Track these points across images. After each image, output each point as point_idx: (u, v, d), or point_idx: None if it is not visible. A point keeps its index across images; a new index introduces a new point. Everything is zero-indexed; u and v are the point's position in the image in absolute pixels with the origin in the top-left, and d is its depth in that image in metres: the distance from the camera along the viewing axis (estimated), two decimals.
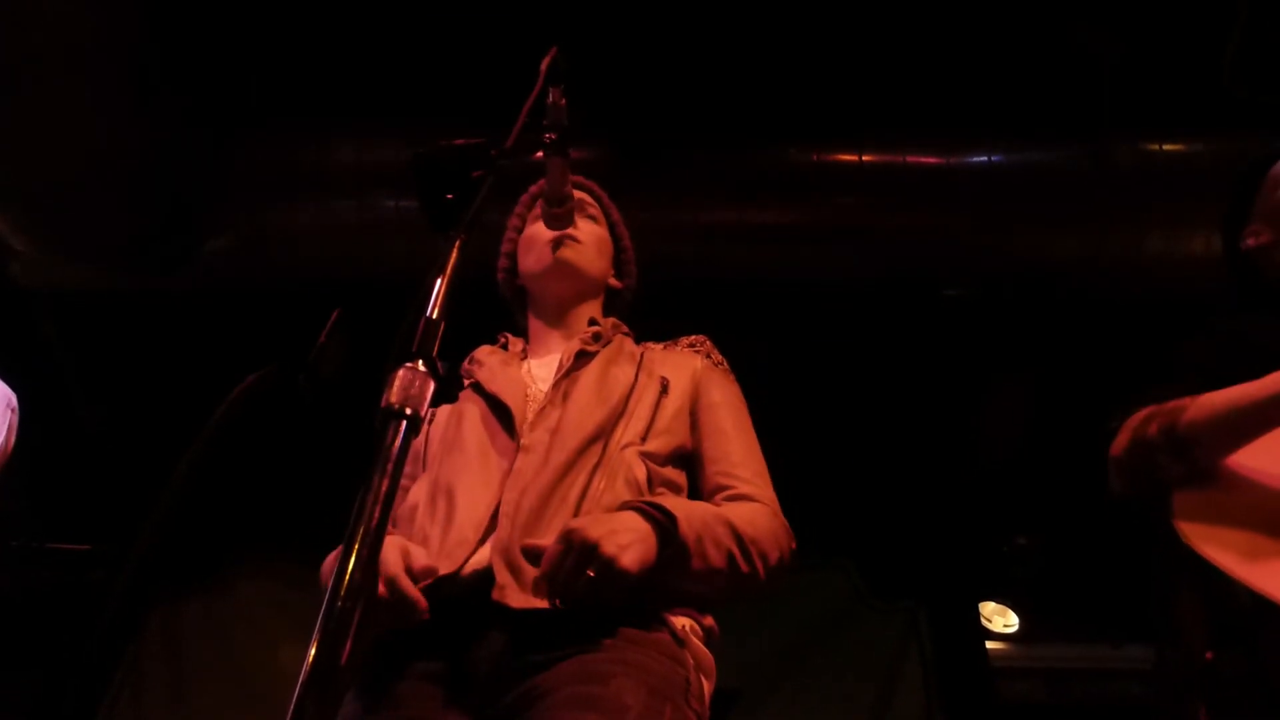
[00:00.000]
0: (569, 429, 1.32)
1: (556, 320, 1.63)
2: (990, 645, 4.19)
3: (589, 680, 1.05)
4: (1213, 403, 1.27)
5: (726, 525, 1.23)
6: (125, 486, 3.52)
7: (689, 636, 1.19)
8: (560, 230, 1.53)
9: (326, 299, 1.05)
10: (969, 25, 2.88)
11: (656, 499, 1.22)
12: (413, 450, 1.45)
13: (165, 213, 2.92)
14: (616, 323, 1.63)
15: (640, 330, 1.66)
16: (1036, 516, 4.14)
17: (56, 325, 3.47)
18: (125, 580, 3.61)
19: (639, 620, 1.15)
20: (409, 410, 0.74)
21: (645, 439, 1.36)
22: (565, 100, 1.18)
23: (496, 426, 1.39)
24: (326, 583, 0.71)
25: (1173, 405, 1.32)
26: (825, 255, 3.03)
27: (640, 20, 2.83)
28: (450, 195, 0.96)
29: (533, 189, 1.74)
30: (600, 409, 1.36)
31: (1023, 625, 4.46)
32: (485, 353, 1.58)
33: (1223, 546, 1.22)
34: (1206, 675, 1.23)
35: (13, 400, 2.00)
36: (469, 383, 1.52)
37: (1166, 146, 2.88)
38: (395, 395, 0.74)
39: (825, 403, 3.62)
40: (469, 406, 1.44)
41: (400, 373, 0.75)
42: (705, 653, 1.22)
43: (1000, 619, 4.46)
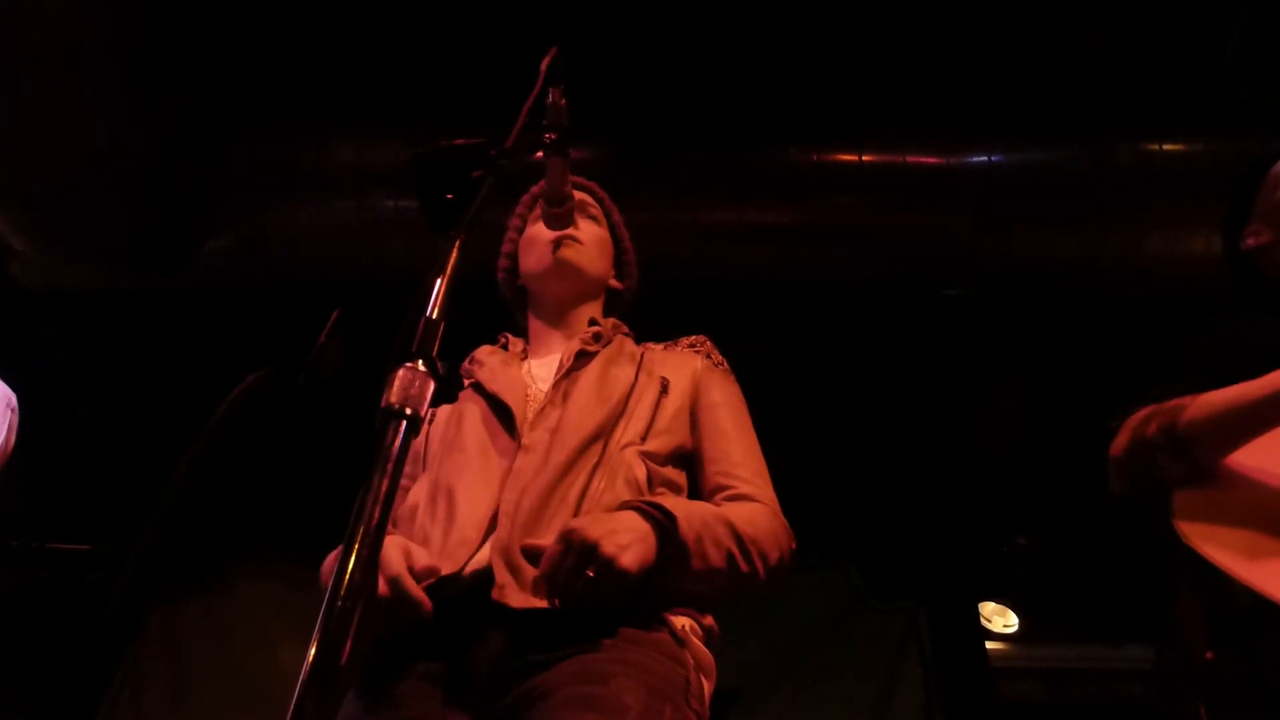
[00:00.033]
0: (569, 429, 1.33)
1: (557, 320, 1.63)
2: (990, 645, 4.19)
3: (589, 680, 1.05)
4: (1212, 402, 1.27)
5: (726, 525, 1.22)
6: (125, 486, 3.52)
7: (689, 636, 1.19)
8: (560, 230, 1.53)
9: (326, 299, 1.05)
10: (969, 25, 2.87)
11: (656, 499, 1.22)
12: (413, 450, 1.45)
13: (165, 213, 2.92)
14: (617, 323, 1.63)
15: (640, 330, 1.66)
16: (1036, 516, 4.14)
17: (56, 325, 3.47)
18: (125, 580, 3.60)
19: (639, 620, 1.15)
20: (409, 410, 0.74)
21: (645, 439, 1.36)
22: (565, 100, 1.18)
23: (497, 426, 1.39)
24: (326, 583, 0.71)
25: (1172, 405, 1.32)
26: (825, 255, 3.03)
27: (640, 20, 2.83)
28: (450, 195, 0.96)
29: (534, 189, 1.74)
30: (600, 409, 1.36)
31: (1023, 625, 4.46)
32: (486, 353, 1.58)
33: (1223, 546, 1.22)
34: (1206, 675, 1.23)
35: (13, 400, 2.00)
36: (469, 383, 1.52)
37: (1166, 146, 2.88)
38: (395, 395, 0.74)
39: (825, 403, 3.62)
40: (469, 406, 1.44)
41: (400, 373, 0.75)
42: (705, 653, 1.22)
43: (1000, 619, 4.46)
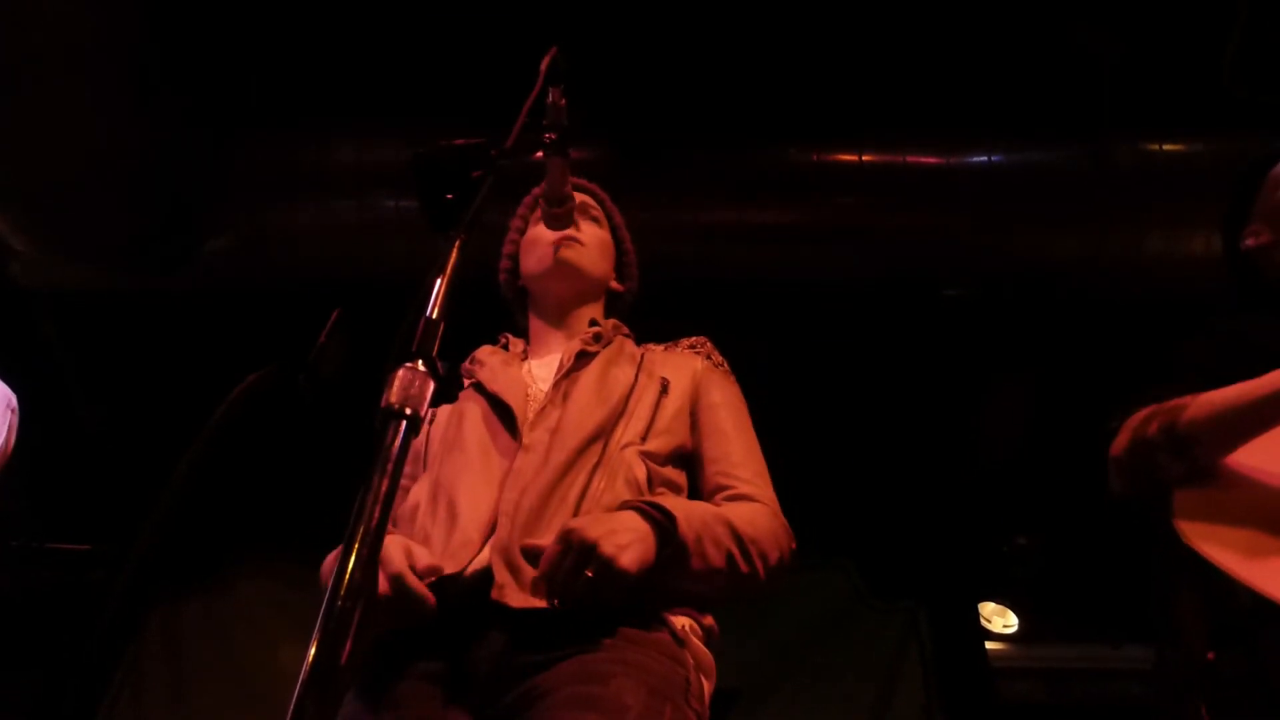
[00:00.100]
0: (569, 429, 1.33)
1: (557, 321, 1.63)
2: (990, 645, 4.20)
3: (589, 680, 1.05)
4: (1213, 401, 1.27)
5: (726, 525, 1.22)
6: (125, 486, 3.52)
7: (689, 636, 1.19)
8: (560, 230, 1.54)
9: (326, 299, 1.05)
10: (969, 25, 2.87)
11: (656, 499, 1.22)
12: (413, 450, 1.45)
13: (165, 213, 2.92)
14: (617, 324, 1.63)
15: (641, 331, 1.66)
16: (1036, 516, 4.14)
17: (56, 325, 3.47)
18: (125, 580, 3.60)
19: (639, 620, 1.15)
20: (409, 410, 0.74)
21: (645, 439, 1.36)
22: (565, 100, 1.18)
23: (498, 426, 1.39)
24: (326, 583, 0.71)
25: (1173, 404, 1.32)
26: (825, 255, 3.03)
27: (640, 20, 2.83)
28: (450, 195, 0.96)
29: (535, 191, 1.74)
30: (600, 409, 1.36)
31: (1022, 625, 4.46)
32: (486, 353, 1.58)
33: (1223, 546, 1.22)
34: (1207, 675, 1.23)
35: (13, 400, 2.00)
36: (470, 383, 1.52)
37: (1166, 146, 2.88)
38: (395, 395, 0.74)
39: (825, 403, 3.62)
40: (470, 406, 1.44)
41: (400, 373, 0.75)
42: (705, 653, 1.21)
43: (1000, 619, 4.46)
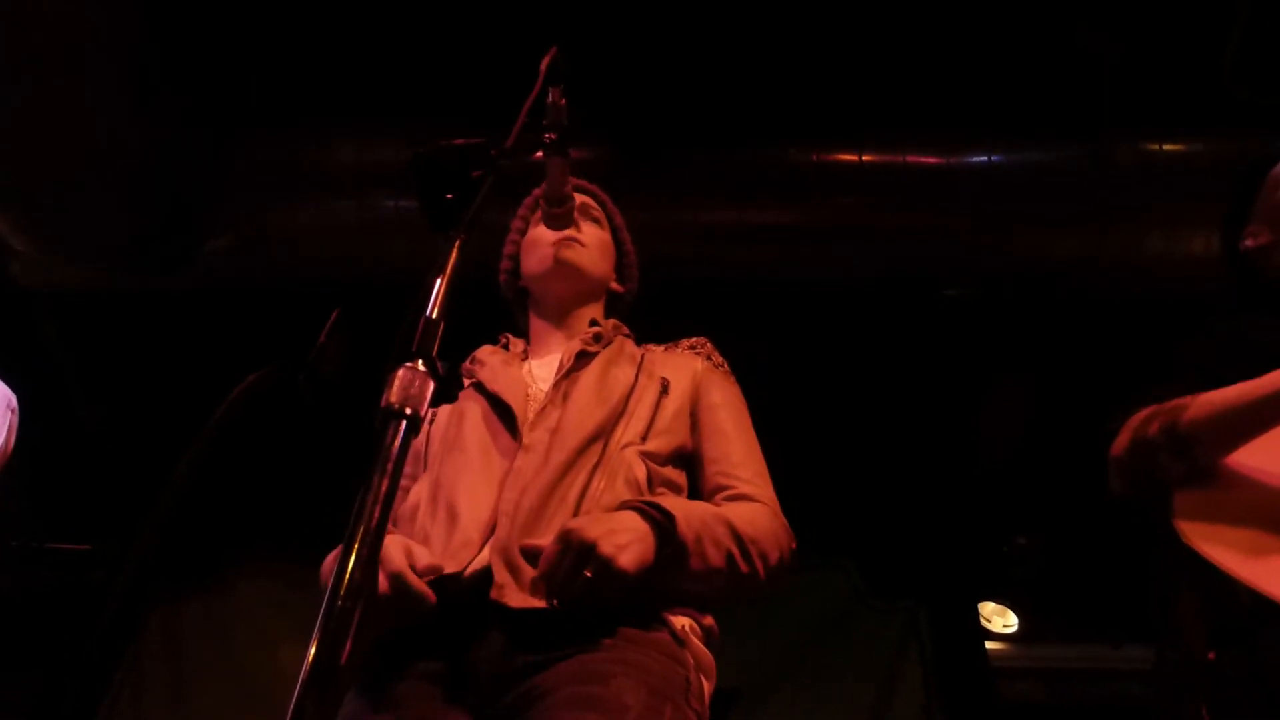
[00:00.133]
0: (569, 429, 1.33)
1: (558, 321, 1.63)
2: (990, 645, 4.20)
3: (589, 680, 1.05)
4: (1213, 401, 1.28)
5: (726, 525, 1.22)
6: (125, 486, 3.52)
7: (689, 636, 1.19)
8: (560, 230, 1.54)
9: (326, 299, 1.05)
10: (969, 25, 2.87)
11: (655, 499, 1.22)
12: (413, 450, 1.45)
13: (165, 213, 2.92)
14: (618, 324, 1.63)
15: (640, 330, 1.66)
16: (1036, 516, 4.14)
17: (56, 325, 3.47)
18: (125, 580, 3.60)
19: (639, 620, 1.15)
20: (409, 410, 0.74)
21: (645, 439, 1.36)
22: (565, 100, 1.18)
23: (498, 426, 1.39)
24: (326, 583, 0.71)
25: (1173, 405, 1.32)
26: (825, 255, 3.03)
27: (640, 20, 2.83)
28: (450, 195, 0.96)
29: (536, 192, 1.74)
30: (600, 409, 1.36)
31: (1022, 625, 4.46)
32: (487, 353, 1.58)
33: (1223, 545, 1.22)
34: (1207, 675, 1.23)
35: (13, 401, 2.00)
36: (470, 382, 1.52)
37: (1166, 146, 2.88)
38: (395, 395, 0.74)
39: (825, 403, 3.62)
40: (470, 406, 1.44)
41: (400, 373, 0.75)
42: (705, 653, 1.21)
43: (1000, 619, 4.46)
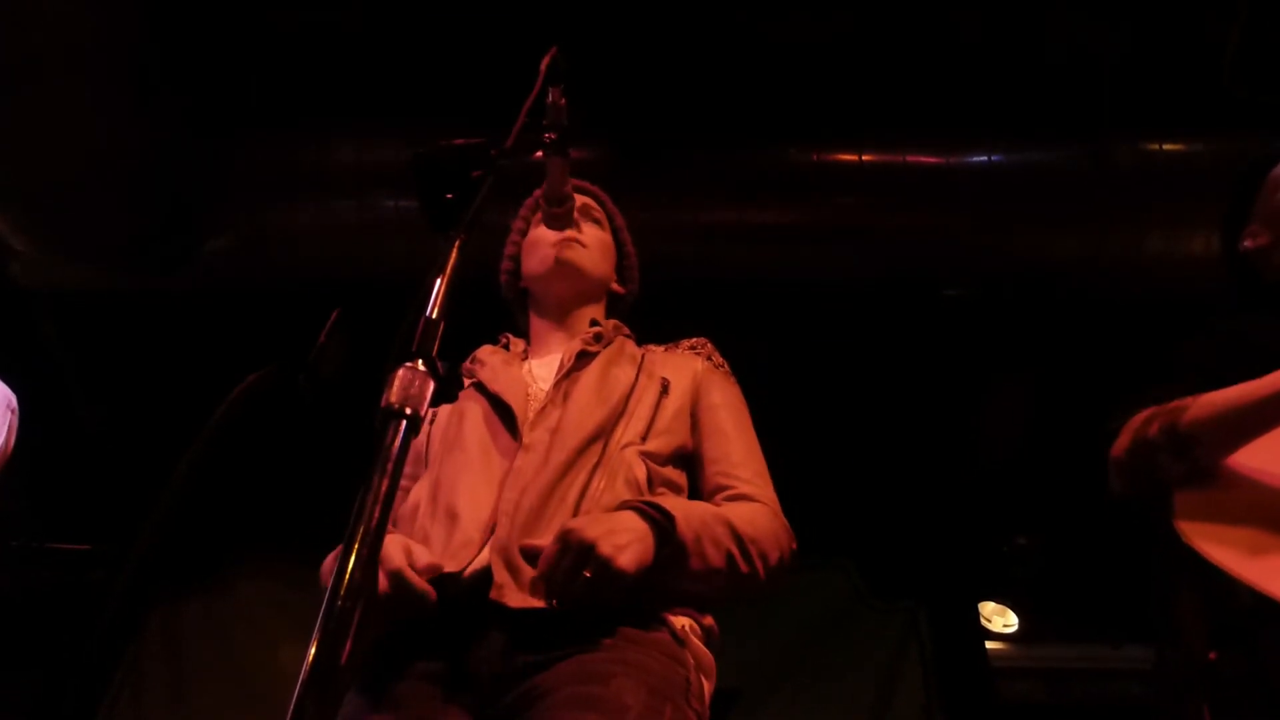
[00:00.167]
0: (569, 428, 1.32)
1: (558, 321, 1.62)
2: (990, 645, 4.19)
3: (589, 680, 1.05)
4: (1214, 402, 1.28)
5: (726, 525, 1.22)
6: (125, 486, 3.52)
7: (689, 636, 1.19)
8: (560, 230, 1.54)
9: (326, 299, 1.05)
10: (969, 25, 2.87)
11: (655, 499, 1.22)
12: (414, 450, 1.45)
13: (165, 213, 2.92)
14: (618, 324, 1.63)
15: (641, 331, 1.66)
16: (1036, 516, 4.14)
17: (56, 325, 3.47)
18: (125, 580, 3.60)
19: (638, 620, 1.15)
20: (409, 410, 0.73)
21: (645, 439, 1.36)
22: (565, 100, 1.18)
23: (499, 426, 1.39)
24: (326, 583, 0.71)
25: (1174, 405, 1.32)
26: (825, 255, 3.03)
27: (640, 20, 2.83)
28: (450, 195, 0.96)
29: (537, 193, 1.74)
30: (600, 409, 1.36)
31: (1022, 625, 4.46)
32: (487, 352, 1.58)
33: (1224, 545, 1.22)
34: (1207, 675, 1.23)
35: (13, 401, 2.00)
36: (470, 382, 1.52)
37: (1166, 146, 2.88)
38: (395, 395, 0.74)
39: (825, 403, 3.62)
40: (471, 406, 1.44)
41: (400, 373, 0.75)
42: (705, 653, 1.21)
43: (1000, 619, 4.46)
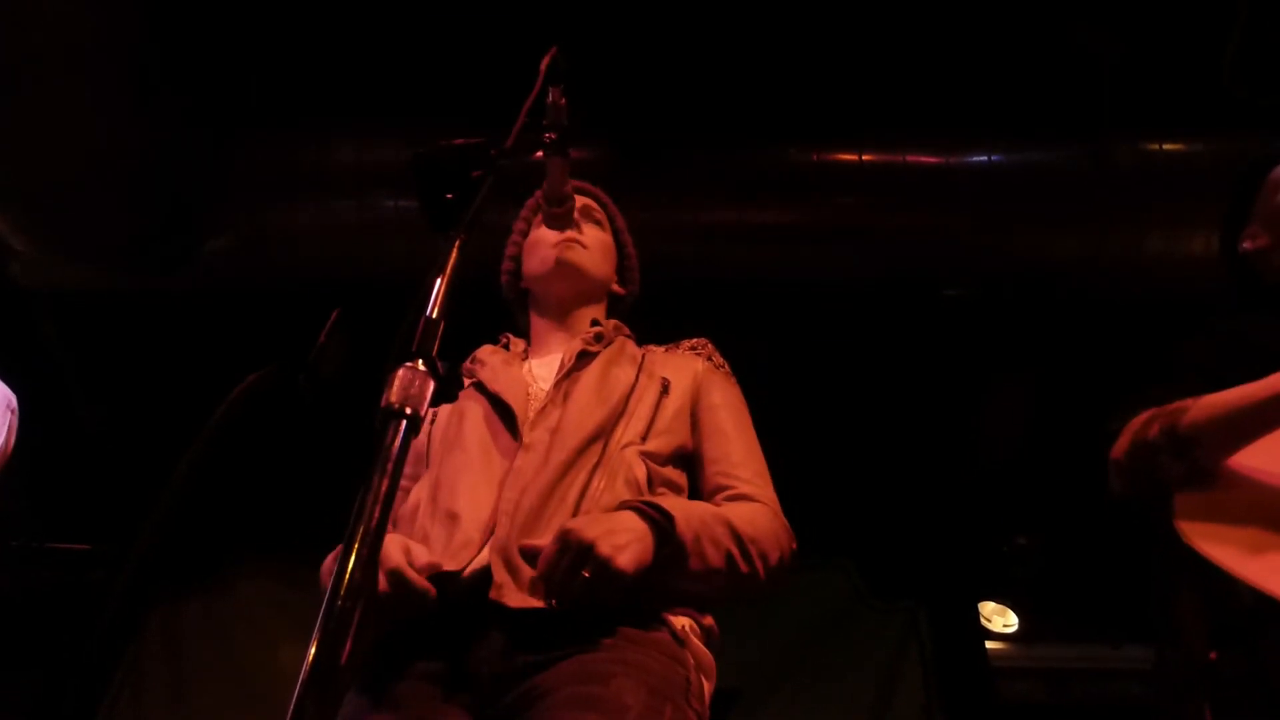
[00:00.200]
0: (569, 428, 1.32)
1: (559, 321, 1.62)
2: (990, 645, 4.19)
3: (589, 680, 1.05)
4: (1214, 404, 1.28)
5: (726, 525, 1.22)
6: (125, 486, 3.52)
7: (689, 636, 1.19)
8: (560, 230, 1.54)
9: (326, 299, 1.05)
10: (969, 25, 2.87)
11: (655, 499, 1.22)
12: (415, 450, 1.45)
13: (165, 213, 2.92)
14: (619, 324, 1.63)
15: (641, 331, 1.66)
16: (1036, 516, 4.14)
17: (56, 325, 3.47)
18: (125, 580, 3.60)
19: (638, 620, 1.15)
20: (409, 410, 0.73)
21: (645, 439, 1.36)
22: (565, 100, 1.18)
23: (499, 426, 1.39)
24: (326, 583, 0.71)
25: (1174, 407, 1.32)
26: (825, 255, 3.03)
27: (640, 20, 2.83)
28: (450, 195, 0.96)
29: (538, 194, 1.74)
30: (600, 408, 1.36)
31: (1022, 625, 4.46)
32: (487, 352, 1.58)
33: (1224, 544, 1.22)
34: (1208, 675, 1.24)
35: (13, 401, 2.00)
36: (470, 382, 1.52)
37: (1166, 146, 2.88)
38: (395, 395, 0.74)
39: (825, 403, 3.62)
40: (471, 406, 1.44)
41: (400, 372, 0.75)
42: (705, 653, 1.21)
43: (1000, 619, 4.46)
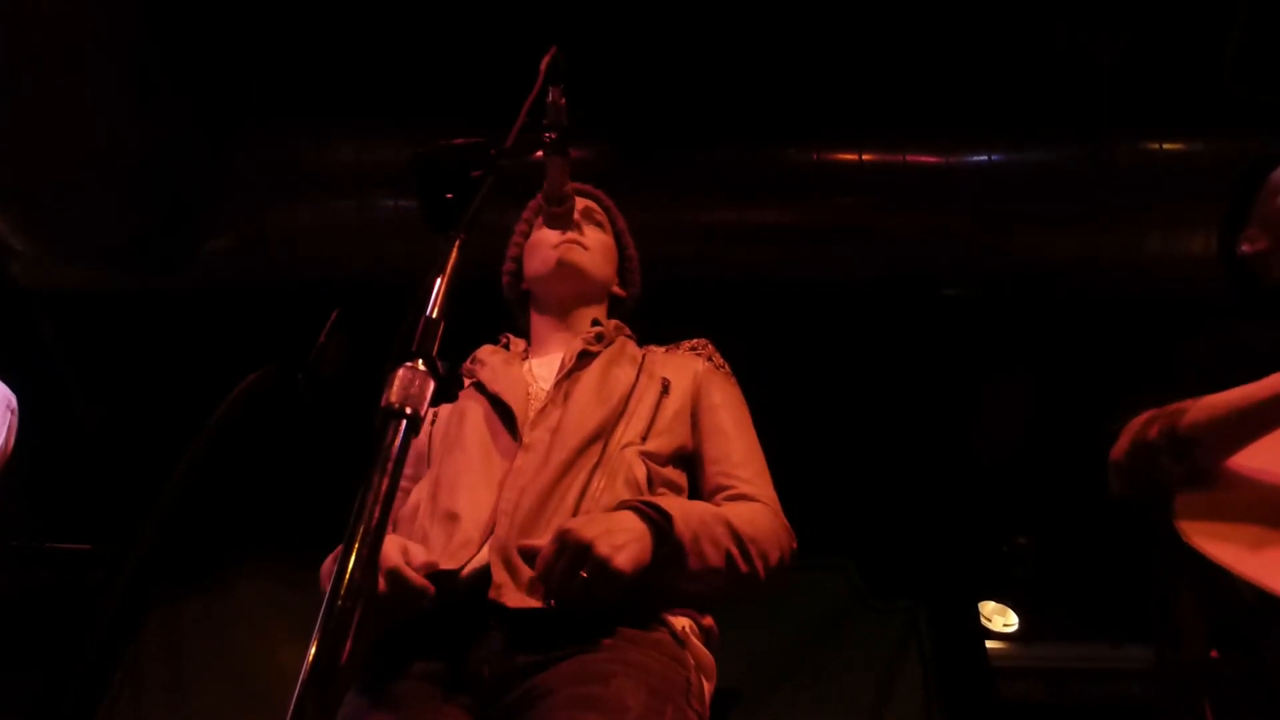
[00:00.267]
0: (569, 428, 1.32)
1: (559, 321, 1.62)
2: (990, 645, 4.19)
3: (589, 680, 1.05)
4: (1214, 404, 1.28)
5: (725, 525, 1.22)
6: (125, 486, 3.51)
7: (689, 636, 1.19)
8: (560, 230, 1.54)
9: (326, 299, 1.05)
10: (969, 25, 2.87)
11: (654, 498, 1.22)
12: (415, 450, 1.45)
13: (165, 213, 2.92)
14: (620, 325, 1.63)
15: (641, 331, 1.66)
16: (1036, 516, 4.14)
17: (56, 325, 3.47)
18: (125, 580, 3.60)
19: (638, 620, 1.15)
20: (409, 410, 0.73)
21: (645, 439, 1.36)
22: (565, 100, 1.18)
23: (499, 426, 1.39)
24: (326, 583, 0.71)
25: (1174, 407, 1.32)
26: (825, 255, 3.03)
27: (640, 20, 2.83)
28: (450, 195, 0.96)
29: (540, 195, 1.74)
30: (601, 409, 1.36)
31: (1022, 625, 4.46)
32: (488, 352, 1.58)
33: (1225, 543, 1.22)
34: (1208, 675, 1.24)
35: (12, 401, 2.00)
36: (471, 382, 1.52)
37: (1166, 146, 2.88)
38: (395, 395, 0.74)
39: (825, 403, 3.62)
40: (471, 406, 1.44)
41: (400, 372, 0.75)
42: (705, 653, 1.21)
43: (1000, 619, 4.46)
